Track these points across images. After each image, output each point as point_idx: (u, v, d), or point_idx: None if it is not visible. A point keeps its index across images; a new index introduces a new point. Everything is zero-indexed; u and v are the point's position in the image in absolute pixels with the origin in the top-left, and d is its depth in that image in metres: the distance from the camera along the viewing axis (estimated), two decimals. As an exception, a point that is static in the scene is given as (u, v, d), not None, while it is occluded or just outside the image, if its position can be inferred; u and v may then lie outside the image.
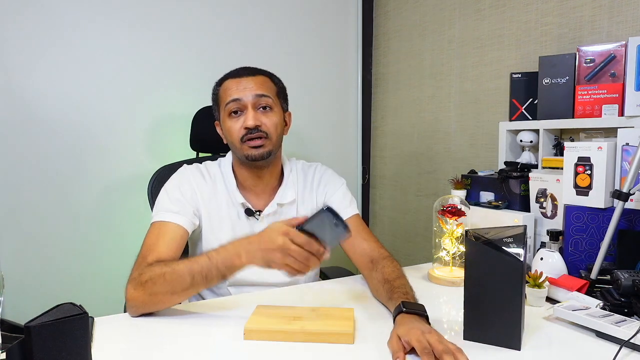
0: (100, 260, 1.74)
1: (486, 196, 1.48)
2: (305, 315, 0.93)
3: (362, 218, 1.28)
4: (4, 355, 0.55)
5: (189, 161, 1.34)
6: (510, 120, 1.55)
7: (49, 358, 0.57)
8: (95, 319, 0.94)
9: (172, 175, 1.20)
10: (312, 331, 0.86)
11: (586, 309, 0.93)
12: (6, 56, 1.56)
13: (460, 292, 0.89)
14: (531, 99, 1.49)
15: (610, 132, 1.32)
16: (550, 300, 1.07)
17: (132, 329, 0.94)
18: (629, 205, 1.09)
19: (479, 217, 1.40)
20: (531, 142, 1.48)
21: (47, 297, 1.61)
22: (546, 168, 1.42)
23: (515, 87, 1.53)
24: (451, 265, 1.25)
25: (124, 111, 1.75)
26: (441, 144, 1.97)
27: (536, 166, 1.46)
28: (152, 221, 1.10)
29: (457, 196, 1.33)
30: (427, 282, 1.25)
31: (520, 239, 0.87)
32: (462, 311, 0.87)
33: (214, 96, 1.22)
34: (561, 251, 1.19)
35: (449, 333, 0.91)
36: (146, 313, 0.98)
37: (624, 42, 1.26)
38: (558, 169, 1.34)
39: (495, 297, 0.83)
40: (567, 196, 1.21)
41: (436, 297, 1.15)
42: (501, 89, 1.70)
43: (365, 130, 2.35)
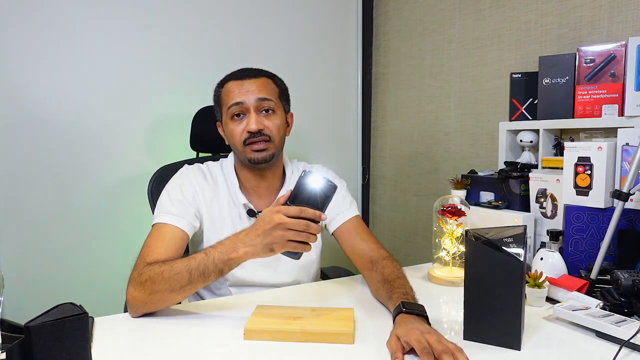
0: (100, 260, 1.74)
1: (486, 196, 1.48)
2: (305, 315, 0.93)
3: (362, 218, 1.28)
4: (4, 355, 0.55)
5: (189, 161, 1.34)
6: (510, 120, 1.55)
7: (49, 358, 0.57)
8: (95, 319, 0.94)
9: (172, 175, 1.20)
10: (312, 331, 0.86)
11: (586, 309, 0.93)
12: (7, 57, 1.56)
13: (460, 292, 0.89)
14: (531, 99, 1.49)
15: (610, 132, 1.33)
16: (550, 300, 1.07)
17: (132, 329, 0.94)
18: (629, 205, 1.09)
19: (479, 217, 1.40)
20: (531, 142, 1.48)
21: (47, 297, 1.61)
22: (546, 168, 1.42)
23: (515, 87, 1.53)
24: (451, 265, 1.25)
25: (125, 111, 1.76)
26: (441, 144, 1.97)
27: (536, 166, 1.46)
28: (153, 222, 1.10)
29: (457, 196, 1.33)
30: (427, 282, 1.25)
31: (520, 239, 0.87)
32: (462, 311, 0.87)
33: (215, 97, 1.22)
34: (561, 251, 1.19)
35: (449, 333, 0.91)
36: (147, 313, 0.98)
37: (624, 42, 1.26)
38: (558, 169, 1.34)
39: (495, 297, 0.83)
40: (567, 196, 1.21)
41: (436, 297, 1.15)
42: (501, 89, 1.70)
43: (365, 130, 2.35)
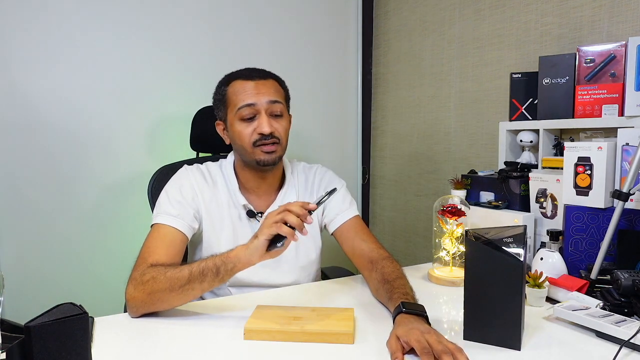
0: (101, 260, 1.74)
1: (486, 196, 1.48)
2: (305, 315, 0.93)
3: (362, 218, 1.28)
4: (4, 355, 0.55)
5: (189, 161, 1.34)
6: (510, 120, 1.55)
7: (49, 358, 0.57)
8: (95, 319, 0.94)
9: (172, 175, 1.20)
10: (312, 331, 0.86)
11: (586, 309, 0.93)
12: (8, 57, 1.56)
13: (460, 292, 0.89)
14: (531, 99, 1.49)
15: (610, 132, 1.32)
16: (550, 300, 1.07)
17: (132, 329, 0.94)
18: (629, 205, 1.09)
19: (479, 217, 1.40)
20: (531, 142, 1.48)
21: (47, 297, 1.61)
22: (546, 168, 1.42)
23: (515, 87, 1.53)
24: (451, 265, 1.25)
25: (125, 111, 1.76)
26: (441, 144, 1.97)
27: (536, 166, 1.46)
28: (152, 223, 1.10)
29: (457, 196, 1.33)
30: (427, 282, 1.25)
31: (520, 239, 0.87)
32: (462, 311, 0.87)
33: (219, 96, 1.18)
34: (561, 251, 1.19)
35: (449, 333, 0.91)
36: (147, 313, 0.98)
37: (624, 42, 1.26)
38: (558, 169, 1.34)
39: (495, 297, 0.83)
40: (567, 196, 1.21)
41: (436, 297, 1.15)
42: (501, 89, 1.70)
43: (365, 130, 2.35)
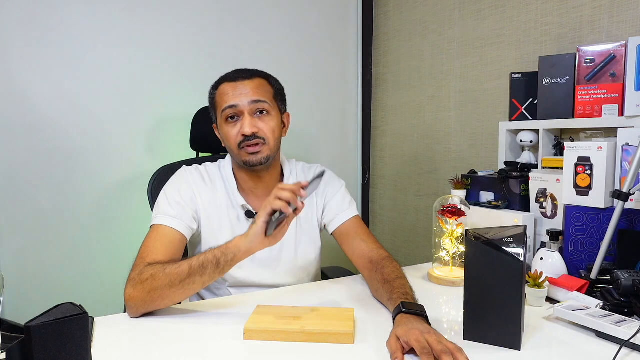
0: (100, 260, 1.74)
1: (486, 196, 1.48)
2: (305, 315, 0.93)
3: (362, 218, 1.28)
4: (4, 355, 0.55)
5: (189, 161, 1.34)
6: (510, 120, 1.55)
7: (49, 358, 0.57)
8: (95, 319, 0.94)
9: (172, 175, 1.20)
10: (312, 331, 0.86)
11: (586, 309, 0.93)
12: (8, 57, 1.56)
13: (460, 292, 0.89)
14: (531, 99, 1.49)
15: (610, 132, 1.33)
16: (550, 300, 1.07)
17: (132, 329, 0.94)
18: (629, 205, 1.09)
19: (479, 217, 1.40)
20: (531, 142, 1.48)
21: (47, 297, 1.61)
22: (546, 168, 1.42)
23: (515, 87, 1.53)
24: (451, 265, 1.25)
25: (125, 111, 1.76)
26: (441, 144, 1.97)
27: (536, 166, 1.46)
28: (151, 223, 1.10)
29: (457, 196, 1.33)
30: (427, 282, 1.25)
31: (520, 239, 0.87)
32: (462, 311, 0.87)
33: (210, 100, 1.21)
34: (561, 251, 1.19)
35: (449, 333, 0.91)
36: (146, 313, 0.98)
37: (624, 42, 1.26)
38: (558, 169, 1.34)
39: (495, 297, 0.83)
40: (567, 196, 1.21)
41: (436, 297, 1.15)
42: (501, 89, 1.70)
43: (365, 130, 2.35)
